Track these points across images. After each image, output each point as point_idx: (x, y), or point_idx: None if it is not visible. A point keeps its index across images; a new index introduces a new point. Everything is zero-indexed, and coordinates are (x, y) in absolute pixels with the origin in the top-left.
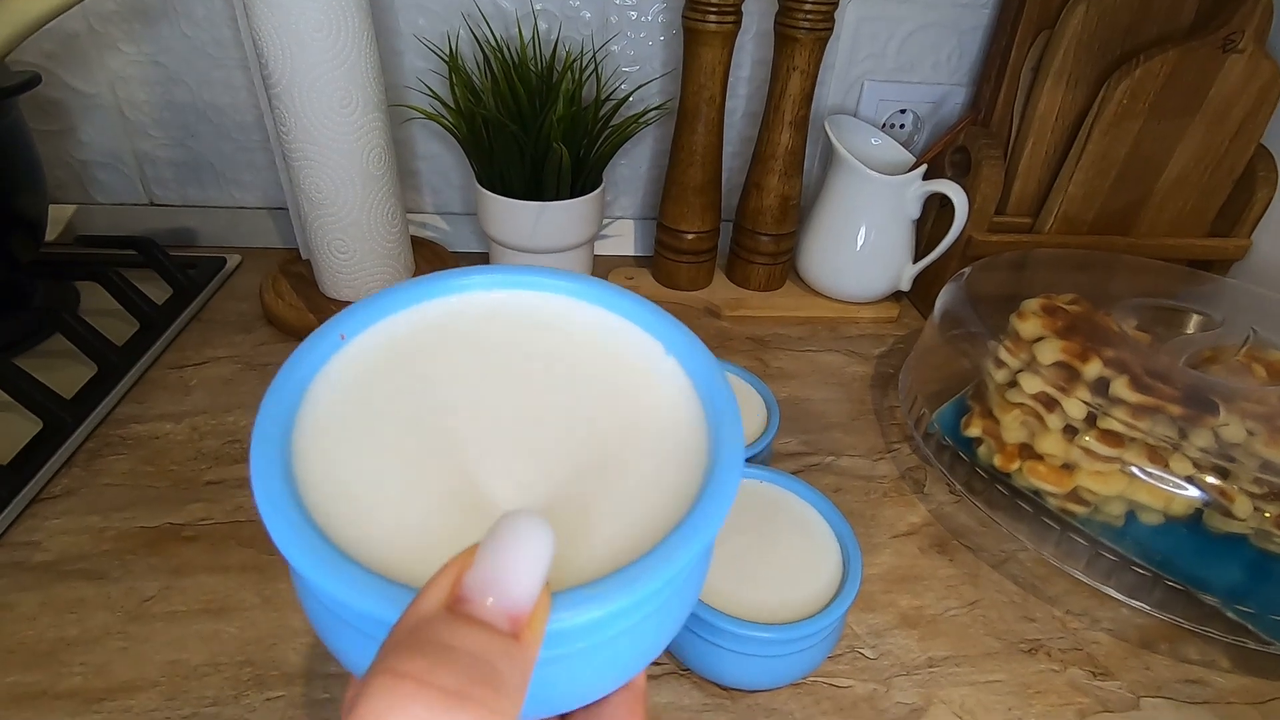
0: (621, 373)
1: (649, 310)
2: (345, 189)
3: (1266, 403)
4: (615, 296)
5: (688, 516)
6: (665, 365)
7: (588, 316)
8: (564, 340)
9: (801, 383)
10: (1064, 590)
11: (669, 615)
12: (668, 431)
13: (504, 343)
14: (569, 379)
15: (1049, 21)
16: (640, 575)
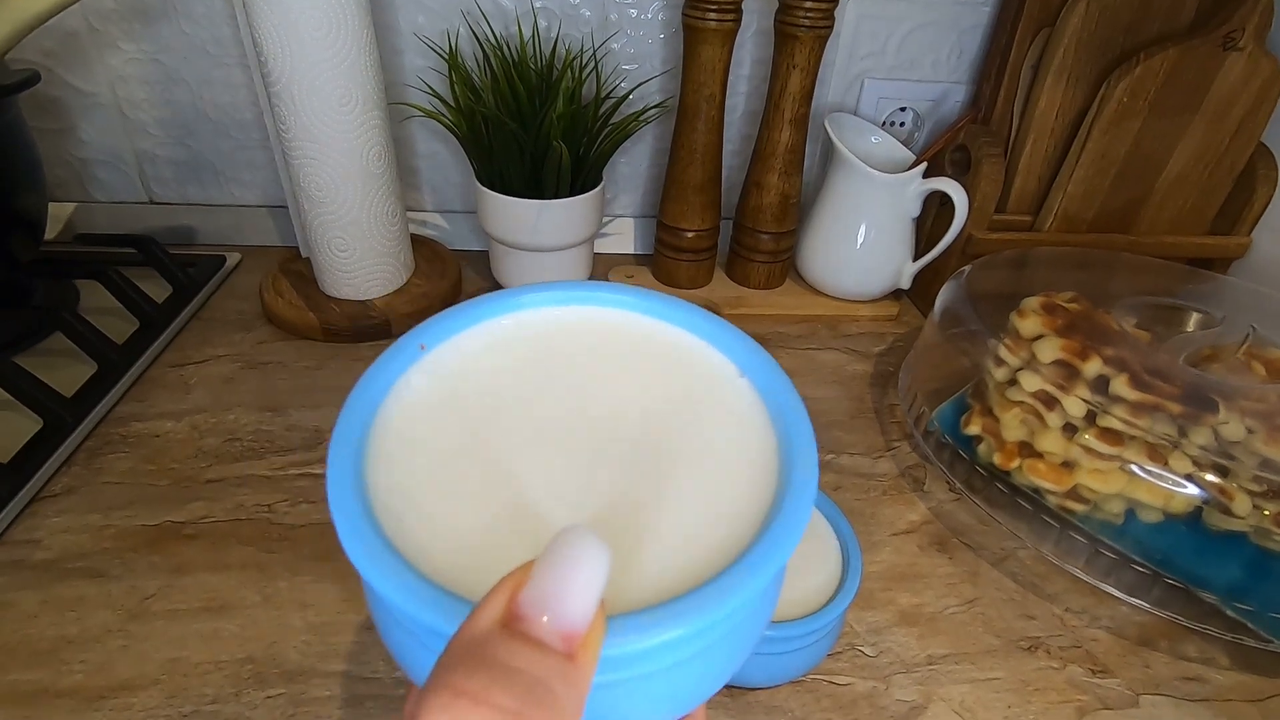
0: (693, 393)
1: (724, 330)
2: (345, 187)
3: (1266, 401)
4: (691, 315)
5: (754, 544)
6: (738, 386)
7: (661, 334)
8: (636, 358)
9: (801, 381)
10: (1063, 588)
11: (733, 646)
12: (736, 455)
13: (573, 359)
14: (638, 398)
15: (1049, 19)
16: (698, 606)
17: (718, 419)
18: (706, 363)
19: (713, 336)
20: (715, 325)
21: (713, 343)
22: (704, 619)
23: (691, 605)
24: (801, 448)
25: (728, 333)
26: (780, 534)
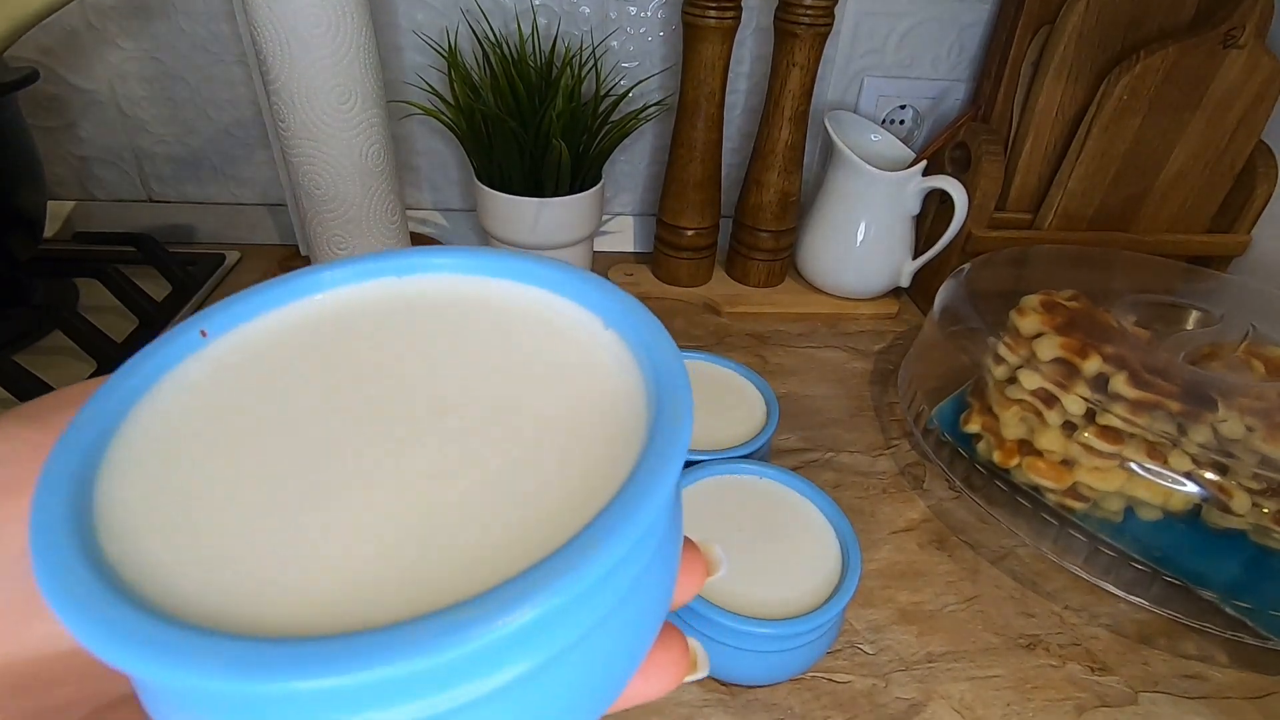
0: (545, 353)
1: (583, 281)
2: (344, 185)
3: (1265, 398)
4: (544, 270)
5: (597, 516)
6: (603, 339)
7: (502, 294)
8: (468, 325)
9: (801, 379)
10: (1063, 586)
11: (598, 656)
12: (595, 415)
13: (393, 336)
14: (474, 367)
15: (1049, 17)
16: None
17: (575, 378)
18: (564, 318)
19: (570, 290)
20: (573, 277)
21: (571, 297)
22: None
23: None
24: (671, 400)
25: (587, 283)
26: (633, 500)
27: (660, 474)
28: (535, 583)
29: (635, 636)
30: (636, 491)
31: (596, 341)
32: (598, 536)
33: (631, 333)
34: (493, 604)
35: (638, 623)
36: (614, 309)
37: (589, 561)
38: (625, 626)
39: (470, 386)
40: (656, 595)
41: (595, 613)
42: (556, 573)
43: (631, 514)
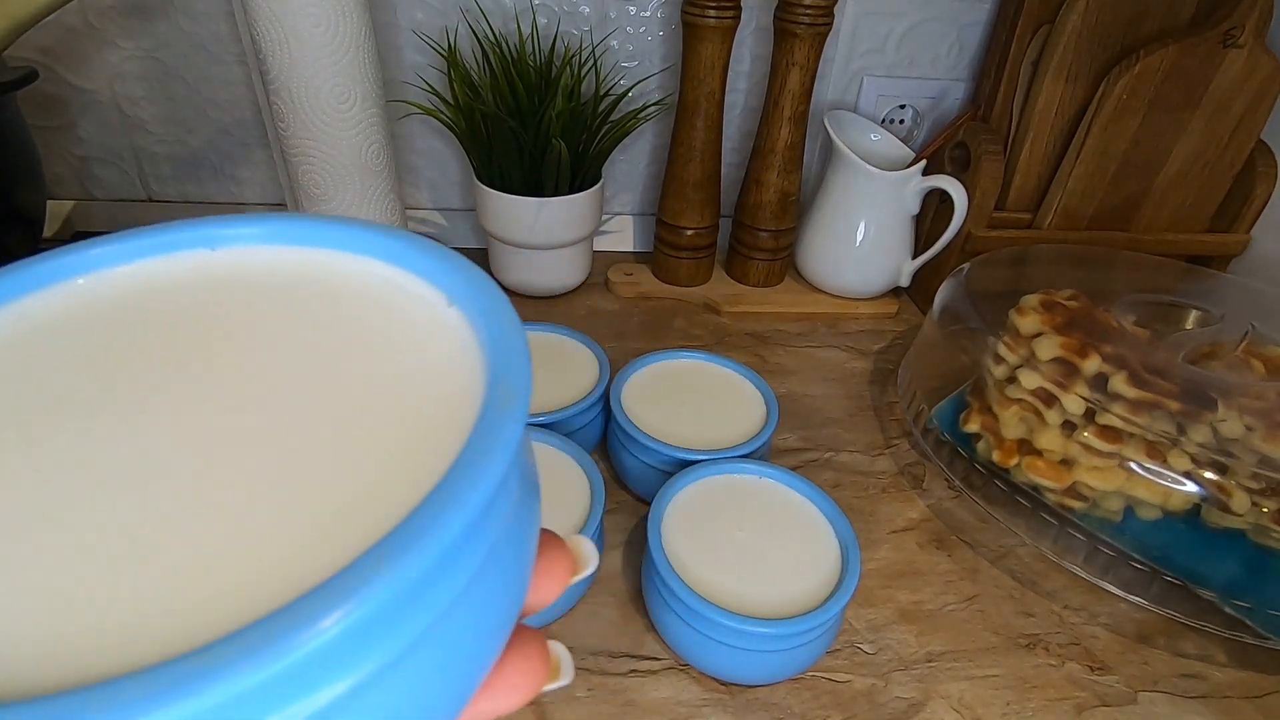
0: (374, 337)
1: (427, 252)
2: (344, 184)
3: (1265, 398)
4: (373, 237)
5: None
6: (445, 316)
7: (333, 270)
8: (290, 302)
9: (800, 379)
10: (1062, 585)
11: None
12: (427, 405)
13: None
14: (293, 351)
15: (1049, 16)
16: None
17: (408, 363)
18: (402, 294)
19: (410, 261)
20: (412, 247)
21: (411, 269)
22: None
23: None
24: (505, 389)
25: (429, 254)
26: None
27: (480, 472)
28: (315, 606)
29: (473, 647)
30: (446, 493)
31: (437, 321)
32: (395, 545)
33: (477, 312)
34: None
35: (474, 633)
36: (458, 284)
37: (384, 575)
38: (457, 638)
39: (280, 378)
40: (499, 600)
41: (412, 627)
42: (347, 589)
43: (437, 521)
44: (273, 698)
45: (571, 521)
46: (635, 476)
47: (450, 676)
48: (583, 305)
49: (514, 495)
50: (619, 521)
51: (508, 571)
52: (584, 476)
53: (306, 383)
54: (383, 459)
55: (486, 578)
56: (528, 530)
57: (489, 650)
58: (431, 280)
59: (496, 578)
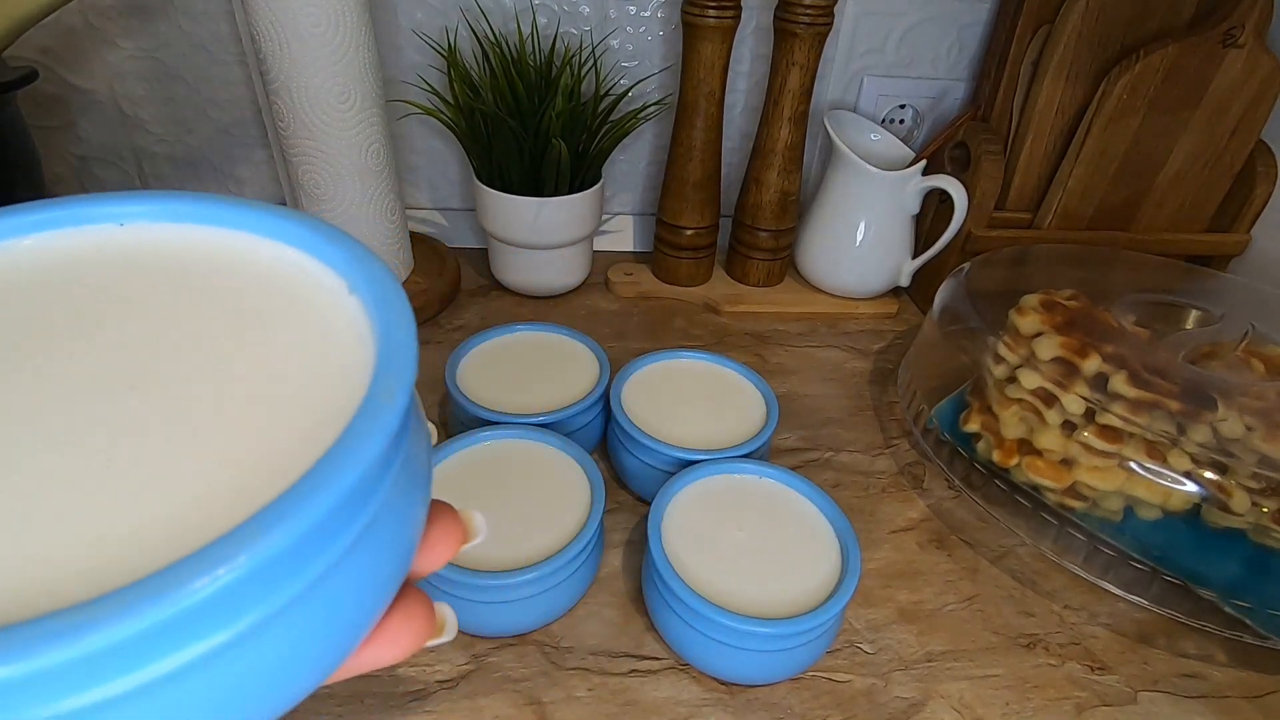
0: (278, 317)
1: (333, 241)
2: (344, 184)
3: (1265, 398)
4: (289, 224)
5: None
6: (345, 304)
7: (247, 252)
8: (192, 286)
9: (800, 378)
10: (1062, 585)
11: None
12: (316, 385)
13: (99, 296)
14: (191, 335)
15: (1049, 16)
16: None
17: (305, 345)
18: (308, 278)
19: (318, 249)
20: (319, 233)
21: (318, 256)
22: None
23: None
24: (389, 373)
25: (336, 243)
26: (328, 468)
27: (356, 454)
28: (214, 554)
29: (355, 605)
30: (323, 471)
31: (334, 307)
32: (285, 505)
33: (374, 302)
34: (168, 579)
35: (356, 591)
36: (360, 274)
37: (257, 542)
38: (340, 595)
39: (184, 353)
40: (382, 564)
41: (294, 583)
42: (220, 554)
43: (314, 492)
44: (165, 641)
45: (572, 521)
46: (635, 476)
47: (332, 628)
48: (583, 305)
49: (397, 472)
50: (619, 521)
51: (389, 541)
52: (584, 476)
53: (208, 358)
54: (272, 435)
55: (369, 542)
56: (414, 503)
57: (371, 607)
58: (335, 268)
59: (380, 543)
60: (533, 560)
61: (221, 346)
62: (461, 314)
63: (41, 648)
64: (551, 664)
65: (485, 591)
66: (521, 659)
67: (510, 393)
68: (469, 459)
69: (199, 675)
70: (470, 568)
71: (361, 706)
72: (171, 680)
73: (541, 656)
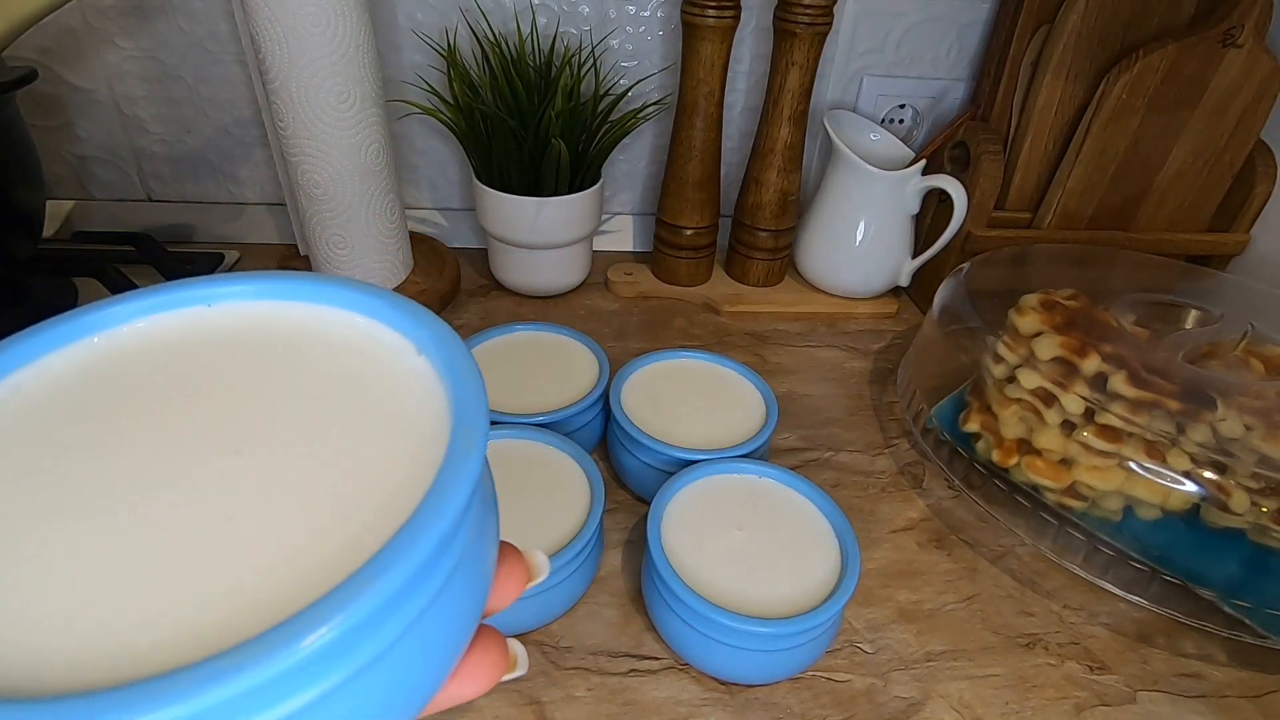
0: (351, 381)
1: (398, 307)
2: (343, 184)
3: (1264, 398)
4: (357, 294)
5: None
6: (414, 364)
7: (316, 320)
8: (276, 356)
9: (800, 378)
10: (1061, 585)
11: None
12: (396, 443)
13: (197, 369)
14: (280, 398)
15: (1049, 16)
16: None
17: (380, 407)
18: (373, 343)
19: (386, 316)
20: (387, 303)
21: (386, 322)
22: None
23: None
24: (464, 431)
25: (400, 308)
26: (416, 528)
27: (448, 502)
28: (314, 616)
29: (444, 644)
30: (422, 519)
31: (405, 368)
32: (375, 568)
33: (441, 360)
34: (271, 641)
35: (445, 632)
36: (425, 336)
37: (367, 592)
38: (431, 637)
39: (277, 418)
40: (464, 605)
41: (394, 628)
42: (337, 605)
43: (413, 542)
44: (281, 690)
45: (572, 520)
46: (635, 476)
47: (425, 668)
48: (582, 305)
49: (476, 518)
50: (619, 521)
51: (472, 580)
52: (584, 476)
53: (298, 421)
54: (365, 491)
55: (455, 586)
56: (488, 545)
57: (457, 645)
58: (402, 332)
59: (463, 586)
60: None
61: (312, 405)
62: (461, 314)
63: (203, 689)
64: (551, 663)
65: None
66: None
67: (510, 392)
68: None
69: (318, 712)
70: None
71: None
72: (296, 717)
73: (541, 656)
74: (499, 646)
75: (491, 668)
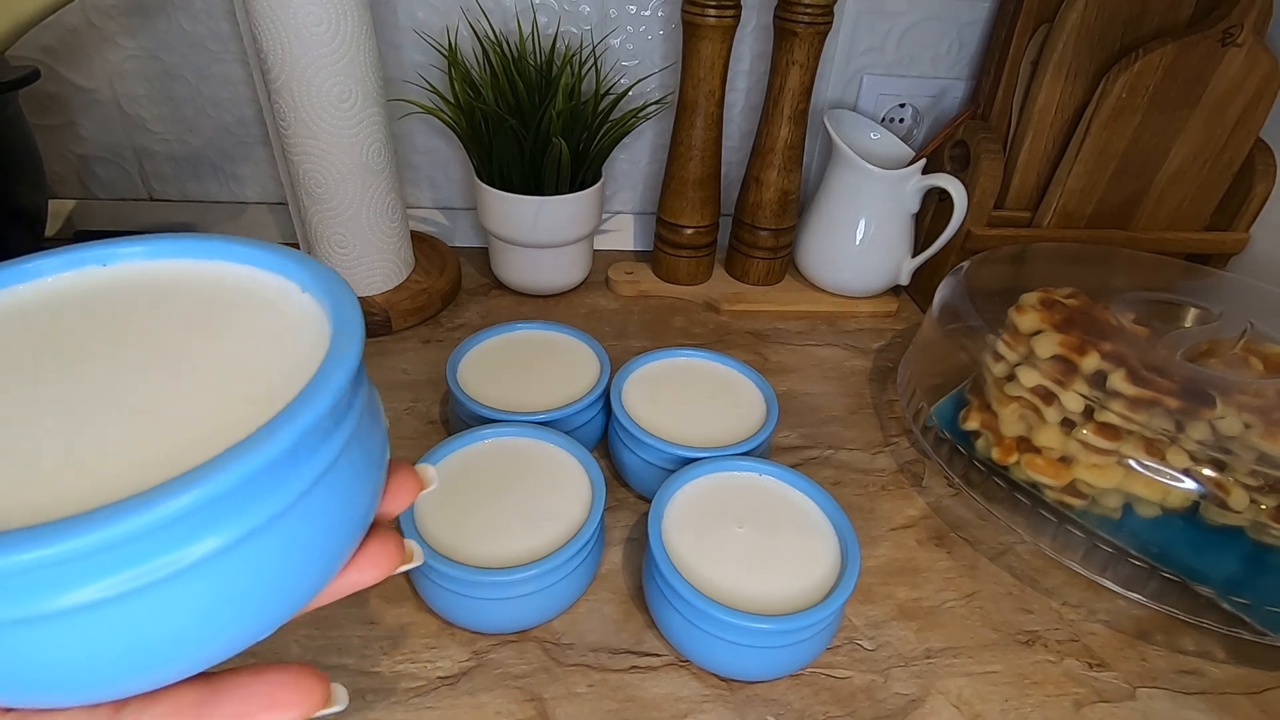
0: (255, 313)
1: (281, 254)
2: (344, 183)
3: (1263, 396)
4: (240, 248)
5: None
6: (300, 300)
7: (213, 273)
8: (180, 304)
9: (800, 377)
10: (1061, 582)
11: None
12: (294, 350)
13: (105, 314)
14: (182, 335)
15: (1049, 15)
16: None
17: (271, 333)
18: (263, 286)
19: (273, 264)
20: (271, 252)
21: (274, 270)
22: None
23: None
24: (346, 333)
25: (286, 256)
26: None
27: (325, 386)
28: (211, 468)
29: (333, 529)
30: (302, 399)
31: (292, 302)
32: (260, 436)
33: (323, 293)
34: (174, 486)
35: (333, 517)
36: (307, 275)
37: (255, 452)
38: (319, 518)
39: (189, 339)
40: (356, 488)
41: (272, 501)
42: (227, 461)
43: (286, 420)
44: (169, 539)
45: (573, 518)
46: (636, 474)
47: (316, 546)
48: (583, 304)
49: (358, 414)
50: (620, 519)
51: (358, 472)
52: (585, 474)
53: (208, 342)
54: (263, 382)
55: (340, 471)
56: (373, 446)
57: (349, 532)
58: (288, 275)
59: (349, 473)
60: (534, 557)
61: (217, 331)
62: (462, 313)
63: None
64: (552, 660)
65: (486, 588)
66: (522, 655)
67: (511, 391)
68: (470, 457)
69: (199, 574)
70: (472, 565)
71: (363, 703)
72: (176, 578)
73: (542, 653)
74: (395, 540)
75: (388, 557)
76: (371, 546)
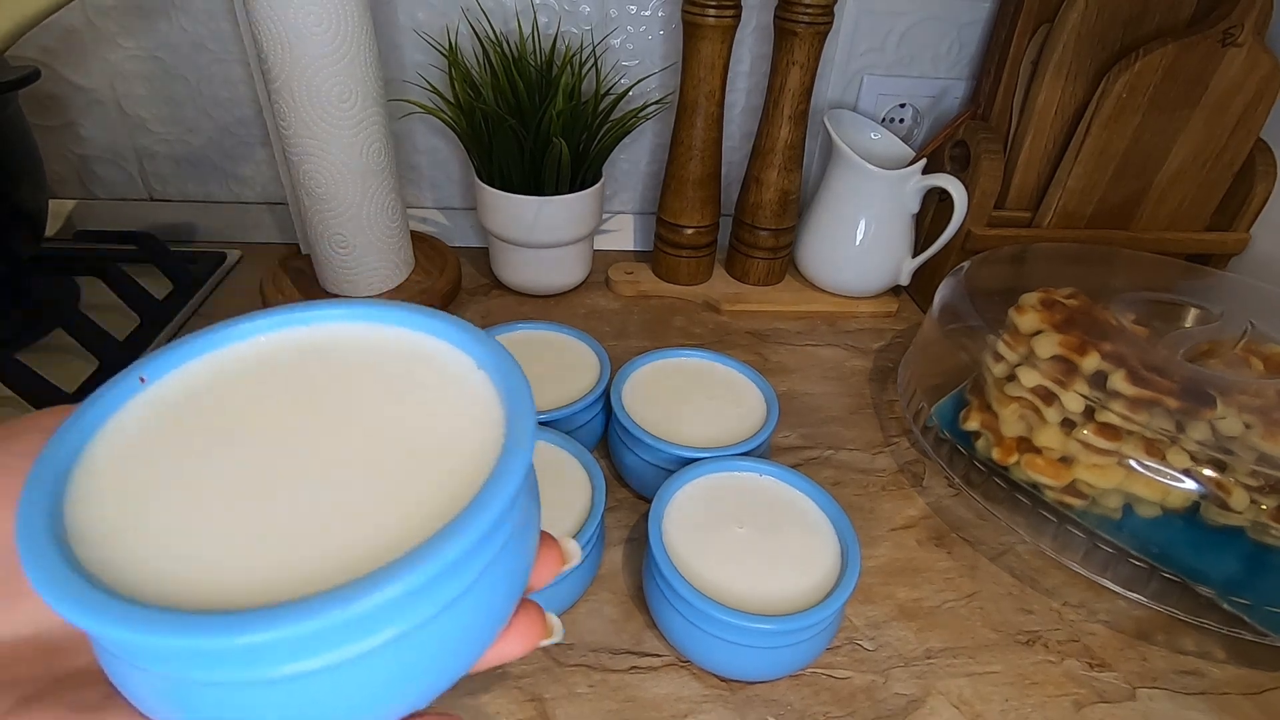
0: (428, 391)
1: (461, 329)
2: (345, 183)
3: (1264, 396)
4: (428, 319)
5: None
6: (475, 379)
7: (397, 340)
8: (371, 368)
9: (800, 377)
10: (1061, 582)
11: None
12: (465, 438)
13: (303, 378)
14: (374, 403)
15: (1049, 15)
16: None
17: (449, 411)
18: (443, 361)
19: (451, 336)
20: (452, 326)
21: (450, 341)
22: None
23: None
24: (515, 433)
25: (464, 331)
26: (474, 510)
27: (502, 487)
28: (397, 569)
29: (492, 609)
30: (478, 504)
31: (469, 379)
32: (444, 537)
33: (496, 373)
34: (364, 584)
35: (493, 599)
36: (484, 352)
37: (437, 554)
38: (482, 601)
39: (369, 414)
40: (511, 577)
41: (453, 590)
42: (412, 562)
43: (471, 520)
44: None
45: (573, 518)
46: (636, 474)
47: (478, 627)
48: (583, 304)
49: (524, 502)
50: (620, 519)
51: (519, 556)
52: (585, 474)
53: (386, 418)
54: (439, 475)
55: (504, 559)
56: (533, 528)
57: (504, 611)
58: (464, 350)
59: (511, 559)
60: None
61: (398, 406)
62: (463, 313)
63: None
64: (553, 660)
65: None
66: (522, 656)
67: None
68: None
69: (390, 651)
70: None
71: None
72: (371, 655)
73: (542, 653)
74: (540, 614)
75: (532, 631)
76: (520, 621)
